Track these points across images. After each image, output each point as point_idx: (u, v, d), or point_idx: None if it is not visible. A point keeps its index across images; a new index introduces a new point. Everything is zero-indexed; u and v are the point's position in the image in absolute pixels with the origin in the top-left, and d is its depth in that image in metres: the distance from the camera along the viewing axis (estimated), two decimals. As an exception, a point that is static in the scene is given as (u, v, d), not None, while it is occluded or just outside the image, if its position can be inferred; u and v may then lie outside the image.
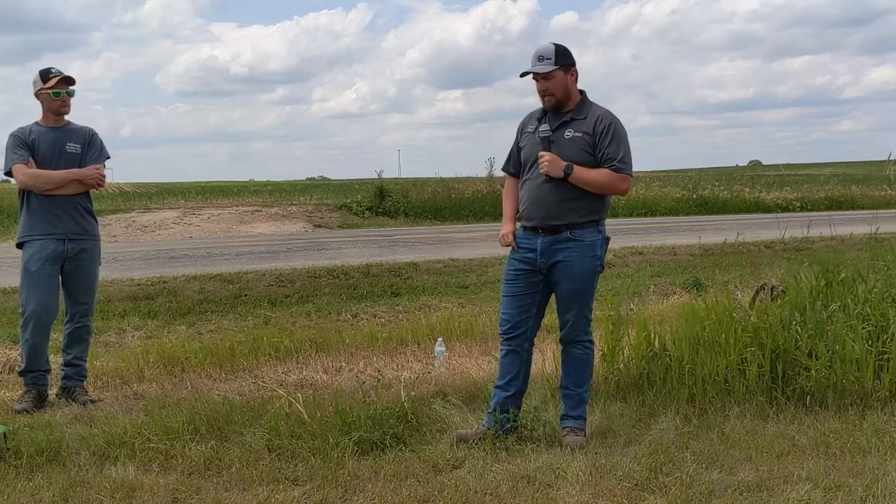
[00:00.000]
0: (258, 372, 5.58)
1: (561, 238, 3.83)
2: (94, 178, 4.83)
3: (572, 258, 3.83)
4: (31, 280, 4.74)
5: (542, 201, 3.84)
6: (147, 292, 9.25)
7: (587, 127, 3.83)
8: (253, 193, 30.87)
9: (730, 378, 4.33)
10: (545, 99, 3.87)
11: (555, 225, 3.83)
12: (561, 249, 3.84)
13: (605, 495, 3.25)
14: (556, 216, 3.83)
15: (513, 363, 3.98)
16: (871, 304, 4.75)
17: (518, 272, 3.94)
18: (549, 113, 3.91)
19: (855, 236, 12.96)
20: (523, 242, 3.93)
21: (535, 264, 3.89)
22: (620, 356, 4.60)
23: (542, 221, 3.85)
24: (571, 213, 3.83)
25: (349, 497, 3.33)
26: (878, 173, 45.30)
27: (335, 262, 11.61)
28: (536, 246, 3.87)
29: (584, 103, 3.92)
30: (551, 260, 3.86)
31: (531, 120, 4.01)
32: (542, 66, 3.80)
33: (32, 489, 3.41)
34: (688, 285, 9.25)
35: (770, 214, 23.22)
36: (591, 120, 3.84)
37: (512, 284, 3.96)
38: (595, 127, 3.82)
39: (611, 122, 3.84)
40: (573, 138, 3.82)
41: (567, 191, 3.81)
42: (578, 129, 3.84)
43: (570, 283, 3.86)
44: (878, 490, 3.20)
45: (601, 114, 3.87)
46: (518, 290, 3.94)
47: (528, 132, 3.99)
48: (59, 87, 4.77)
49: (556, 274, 3.87)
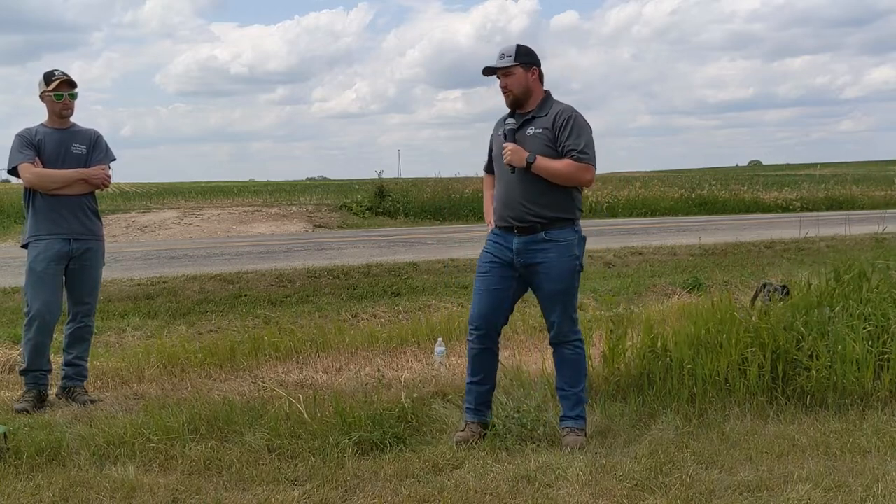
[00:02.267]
0: (258, 372, 5.58)
1: (537, 239, 3.85)
2: (99, 178, 4.85)
3: (550, 259, 3.85)
4: (36, 280, 4.74)
5: (511, 199, 3.88)
6: (147, 292, 9.25)
7: (547, 123, 3.87)
8: (253, 193, 30.88)
9: (730, 378, 4.33)
10: (507, 96, 3.93)
11: (529, 223, 3.85)
12: (538, 251, 3.86)
13: (605, 495, 3.25)
14: (524, 212, 3.85)
15: (485, 360, 4.02)
16: (872, 304, 4.75)
17: (493, 265, 3.96)
18: (516, 113, 3.97)
19: (856, 236, 12.97)
20: (499, 240, 3.97)
21: (512, 261, 3.91)
22: (622, 357, 4.60)
23: (515, 220, 3.88)
24: (540, 209, 3.84)
25: (349, 497, 3.33)
26: (878, 173, 45.32)
27: (335, 262, 11.61)
28: (512, 245, 3.90)
29: (546, 102, 3.95)
30: (529, 261, 3.88)
31: (500, 122, 4.07)
32: (501, 62, 3.89)
33: (32, 489, 3.41)
34: (688, 285, 9.25)
35: (770, 214, 23.26)
36: (551, 116, 3.89)
37: (486, 278, 3.97)
38: (555, 121, 3.86)
39: (570, 115, 3.87)
40: (535, 135, 3.87)
41: (534, 185, 3.83)
42: (539, 125, 3.88)
43: (551, 284, 3.88)
44: (878, 490, 3.20)
45: (561, 108, 3.91)
46: (492, 285, 3.95)
47: (497, 133, 4.05)
48: (62, 90, 4.78)
49: (536, 277, 3.89)
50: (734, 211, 24.23)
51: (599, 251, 12.57)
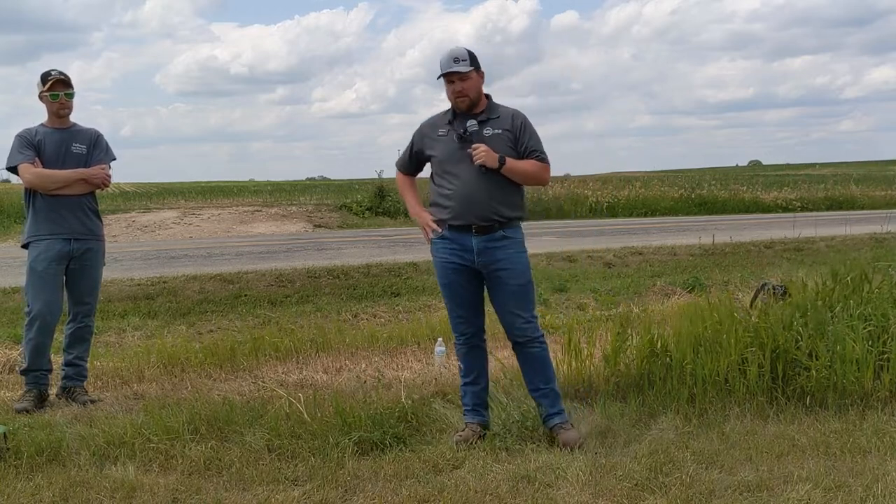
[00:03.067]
0: (258, 372, 5.58)
1: (495, 237, 3.87)
2: (99, 178, 4.84)
3: (510, 255, 3.89)
4: (36, 280, 4.74)
5: (473, 198, 3.85)
6: (147, 292, 9.25)
7: (505, 124, 3.92)
8: (253, 193, 30.90)
9: (730, 378, 4.33)
10: (459, 100, 3.90)
11: (489, 222, 3.86)
12: (497, 248, 3.88)
13: (605, 495, 3.25)
14: (488, 211, 3.85)
15: (476, 358, 4.07)
16: (872, 304, 4.75)
17: (457, 271, 3.95)
18: (459, 116, 3.95)
19: (856, 236, 12.97)
20: (454, 242, 3.93)
21: (472, 263, 3.91)
22: (622, 357, 4.60)
23: (477, 220, 3.86)
24: (502, 208, 3.87)
25: (349, 497, 3.33)
26: (878, 173, 45.30)
27: (335, 262, 11.61)
28: (472, 245, 3.89)
29: (491, 105, 3.99)
30: (489, 260, 3.88)
31: (437, 126, 4.03)
32: (460, 67, 3.86)
33: (32, 489, 3.41)
34: (688, 285, 9.26)
35: (770, 214, 23.27)
36: (505, 118, 3.94)
37: (452, 287, 3.99)
38: (513, 123, 3.93)
39: (524, 119, 3.98)
40: (494, 135, 3.89)
41: (496, 185, 3.86)
42: (497, 126, 3.91)
43: (515, 279, 3.90)
44: (878, 490, 3.20)
45: (513, 112, 3.98)
46: (461, 289, 3.98)
47: (439, 136, 3.99)
48: (57, 90, 4.77)
49: (499, 276, 3.89)
50: (734, 211, 24.24)
51: (599, 251, 12.58)
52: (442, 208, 3.94)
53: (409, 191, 4.25)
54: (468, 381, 4.07)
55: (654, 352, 4.56)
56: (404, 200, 4.32)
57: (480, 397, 4.07)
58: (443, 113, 4.06)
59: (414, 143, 4.12)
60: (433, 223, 3.98)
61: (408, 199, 4.25)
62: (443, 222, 3.95)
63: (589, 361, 4.71)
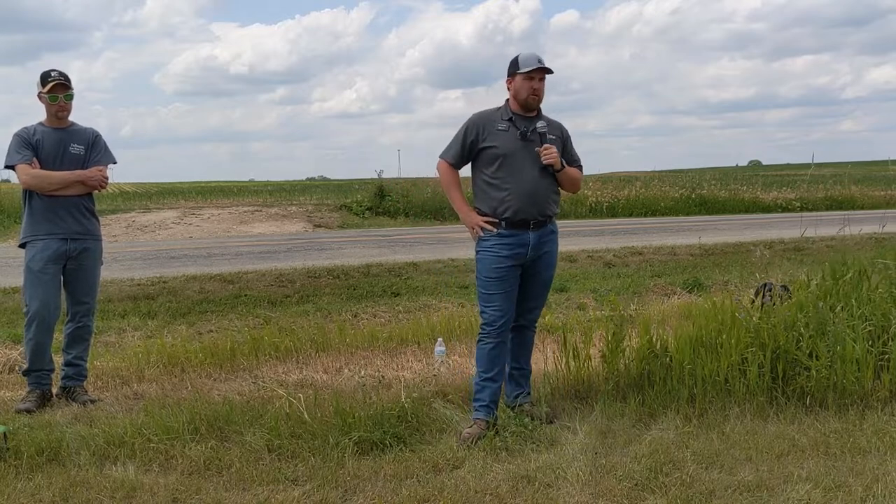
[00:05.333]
0: (258, 372, 5.58)
1: (547, 231, 4.16)
2: (96, 180, 4.83)
3: (554, 249, 4.23)
4: (34, 280, 4.74)
5: (537, 195, 4.07)
6: (147, 292, 9.25)
7: (556, 132, 4.18)
8: (253, 193, 30.89)
9: (730, 378, 4.33)
10: (533, 98, 4.07)
11: (545, 217, 4.13)
12: (546, 241, 4.16)
13: (605, 495, 3.25)
14: (547, 208, 4.13)
15: (500, 354, 4.16)
16: (872, 304, 4.75)
17: (509, 268, 4.08)
18: (518, 117, 4.08)
19: (856, 236, 12.98)
20: (512, 239, 4.05)
21: (524, 258, 4.09)
22: (621, 357, 4.60)
23: (539, 216, 4.09)
24: (555, 205, 4.20)
25: (349, 497, 3.34)
26: (878, 173, 45.32)
27: (335, 262, 11.61)
28: (528, 241, 4.07)
29: (541, 112, 4.18)
30: (539, 253, 4.15)
31: (495, 120, 4.10)
32: (547, 66, 4.06)
33: (32, 489, 3.41)
34: (688, 285, 9.25)
35: (770, 214, 23.27)
36: (555, 127, 4.19)
37: (504, 282, 4.07)
38: (562, 133, 4.24)
39: (568, 132, 4.30)
40: (552, 140, 4.11)
41: (553, 185, 4.16)
42: (552, 132, 4.14)
43: (549, 271, 4.24)
44: (878, 490, 3.20)
45: (557, 122, 4.24)
46: (509, 287, 4.11)
47: (499, 130, 4.07)
48: (56, 92, 4.76)
49: (539, 265, 4.17)
50: (734, 211, 24.22)
51: (599, 251, 12.58)
52: (500, 203, 4.04)
53: (457, 188, 4.21)
54: (488, 376, 4.10)
55: (653, 352, 4.56)
56: (450, 198, 4.23)
57: (497, 394, 4.15)
58: (495, 109, 4.16)
59: (469, 133, 4.10)
60: (485, 223, 4.08)
61: (455, 196, 4.20)
62: (498, 219, 4.05)
63: (588, 361, 4.71)
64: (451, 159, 4.17)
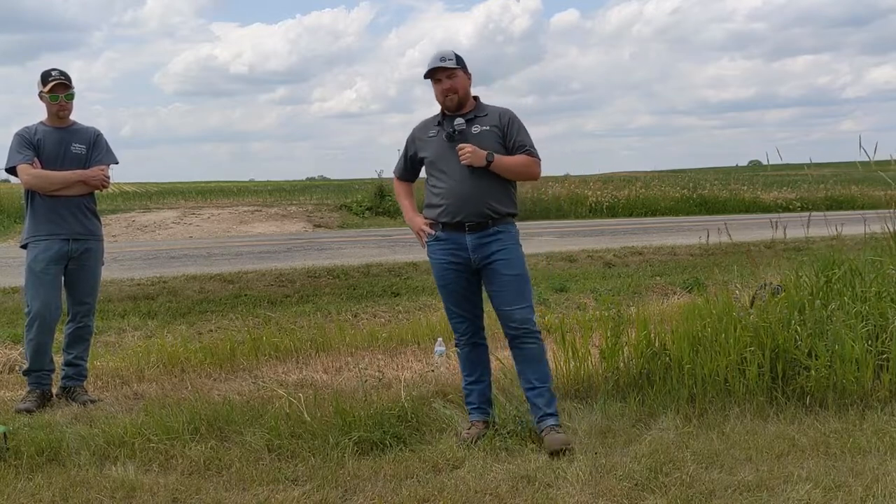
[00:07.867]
0: (258, 372, 5.58)
1: (489, 232, 3.93)
2: (98, 180, 4.83)
3: (506, 247, 3.94)
4: (35, 280, 4.74)
5: (466, 196, 3.90)
6: (147, 292, 9.25)
7: (492, 121, 3.99)
8: (253, 193, 30.88)
9: (730, 378, 4.33)
10: (448, 98, 3.97)
11: (482, 218, 3.91)
12: (492, 242, 3.93)
13: (605, 495, 3.25)
14: (481, 208, 3.91)
15: (478, 357, 4.12)
16: (870, 303, 4.75)
17: (451, 271, 4.00)
18: (447, 117, 4.02)
19: (856, 236, 12.98)
20: (449, 241, 3.98)
21: (468, 261, 3.96)
22: (620, 356, 4.60)
23: (469, 217, 3.91)
24: (494, 204, 3.93)
25: (349, 497, 3.33)
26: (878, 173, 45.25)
27: (335, 262, 11.61)
28: (465, 243, 3.94)
29: (480, 104, 4.07)
30: (484, 254, 3.93)
31: (427, 128, 4.10)
32: (447, 64, 3.95)
33: (32, 489, 3.41)
34: (688, 285, 9.25)
35: (770, 214, 23.26)
36: (493, 115, 4.02)
37: (454, 284, 4.03)
38: (500, 120, 4.00)
39: (513, 115, 4.05)
40: (482, 132, 3.96)
41: (487, 182, 3.92)
42: (484, 123, 3.98)
43: (510, 269, 3.93)
44: (878, 490, 3.20)
45: (501, 110, 4.06)
46: (460, 288, 4.03)
47: (429, 137, 4.06)
48: (57, 92, 4.75)
49: (495, 267, 3.93)
50: (734, 211, 24.23)
51: (599, 251, 12.58)
52: (435, 207, 4.00)
53: (406, 197, 4.32)
54: (472, 380, 4.11)
55: (653, 351, 4.56)
56: (400, 206, 4.37)
57: (485, 395, 4.11)
58: (433, 116, 4.13)
59: (408, 148, 4.19)
60: (426, 226, 4.04)
61: (404, 205, 4.31)
62: (436, 222, 4.00)
63: (587, 361, 4.70)
64: (397, 174, 4.32)
